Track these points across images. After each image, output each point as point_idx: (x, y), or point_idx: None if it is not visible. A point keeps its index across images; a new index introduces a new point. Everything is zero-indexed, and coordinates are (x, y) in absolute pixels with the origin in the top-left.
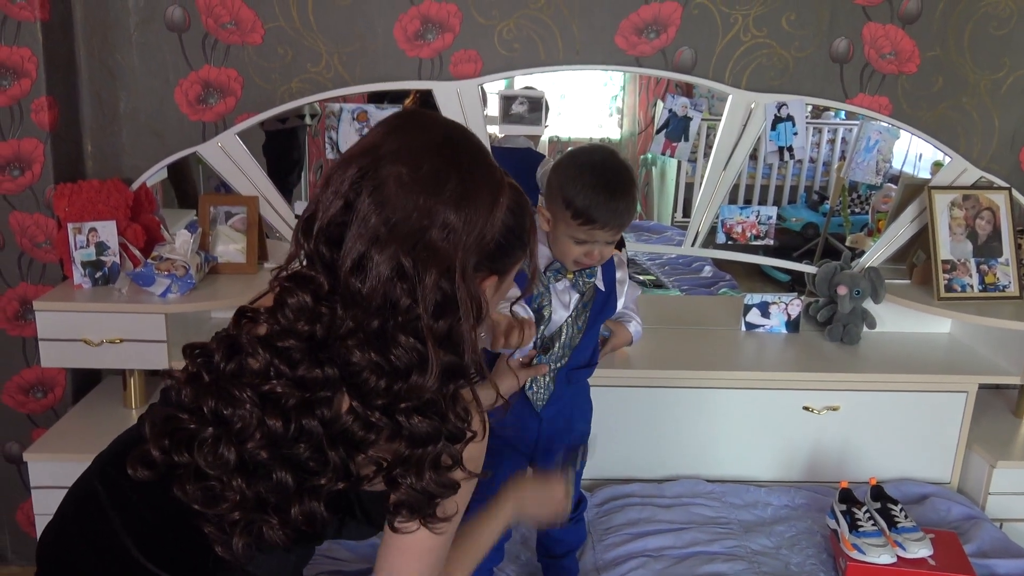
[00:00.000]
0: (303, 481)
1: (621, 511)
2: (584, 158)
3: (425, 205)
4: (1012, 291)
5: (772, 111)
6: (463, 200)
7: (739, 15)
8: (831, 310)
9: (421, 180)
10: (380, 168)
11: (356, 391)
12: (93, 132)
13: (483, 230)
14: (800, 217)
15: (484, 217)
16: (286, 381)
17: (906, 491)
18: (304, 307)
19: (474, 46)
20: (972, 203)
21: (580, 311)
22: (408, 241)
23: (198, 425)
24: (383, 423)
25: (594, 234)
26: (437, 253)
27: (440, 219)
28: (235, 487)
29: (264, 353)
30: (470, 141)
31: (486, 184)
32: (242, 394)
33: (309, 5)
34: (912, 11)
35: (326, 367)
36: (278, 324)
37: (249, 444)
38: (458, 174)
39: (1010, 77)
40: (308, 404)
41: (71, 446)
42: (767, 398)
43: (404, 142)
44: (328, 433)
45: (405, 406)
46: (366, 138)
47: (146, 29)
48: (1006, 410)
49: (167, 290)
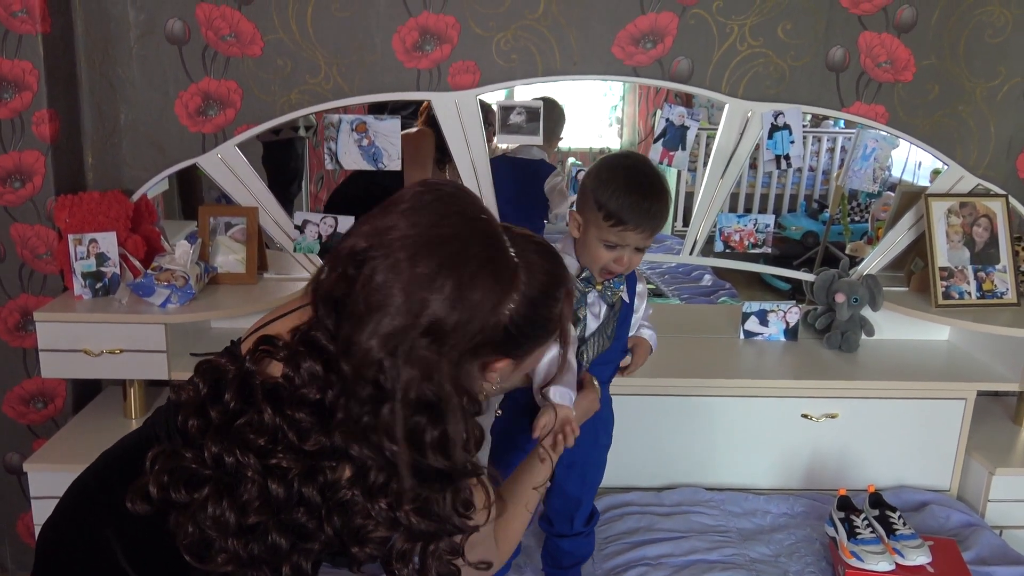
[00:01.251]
0: (296, 544)
1: (620, 520)
2: (618, 162)
3: (415, 304)
4: (1010, 298)
5: (769, 120)
6: (457, 304)
7: (735, 25)
8: (829, 318)
9: (417, 277)
10: (385, 253)
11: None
12: (94, 144)
13: (483, 330)
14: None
15: (483, 318)
16: (292, 454)
17: (905, 498)
18: (315, 375)
19: (472, 57)
20: (969, 210)
21: (608, 320)
22: (391, 339)
23: (199, 465)
24: (382, 516)
25: (625, 236)
26: (419, 359)
27: (427, 321)
28: (229, 546)
29: (274, 417)
30: (484, 236)
31: (491, 284)
32: (246, 458)
33: (308, 17)
34: (907, 20)
35: (334, 434)
36: (290, 383)
37: (251, 516)
38: (456, 276)
39: (1006, 85)
40: (311, 472)
41: (71, 457)
42: (766, 406)
43: (414, 227)
44: (327, 503)
45: (407, 507)
46: (388, 209)
47: (146, 42)
48: (1005, 417)
49: (167, 300)
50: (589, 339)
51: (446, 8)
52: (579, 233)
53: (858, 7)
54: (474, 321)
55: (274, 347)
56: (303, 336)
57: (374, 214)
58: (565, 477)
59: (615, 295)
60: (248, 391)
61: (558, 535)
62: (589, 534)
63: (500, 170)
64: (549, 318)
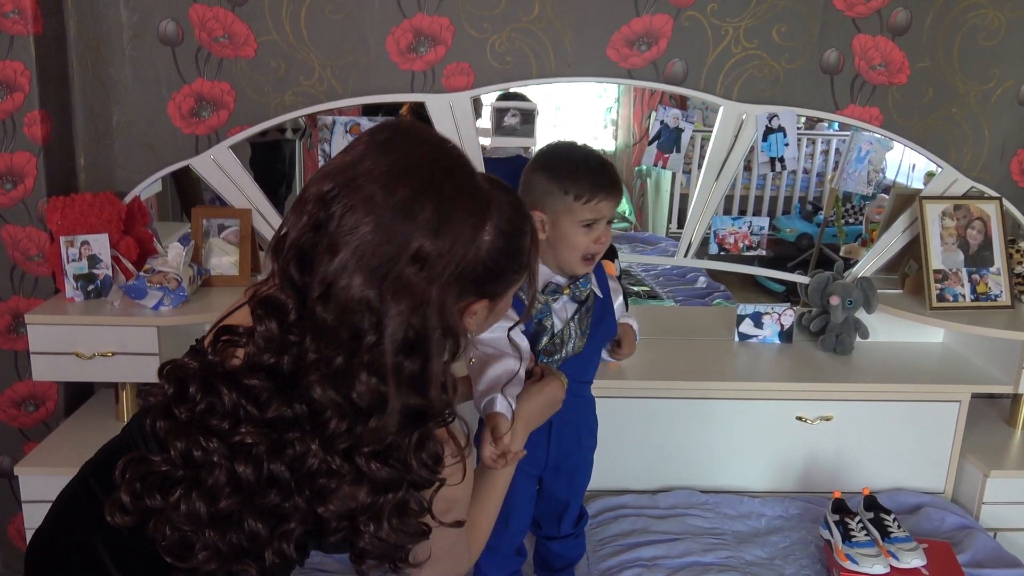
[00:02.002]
0: (274, 527)
1: (615, 522)
2: (557, 150)
3: (395, 234)
4: (1004, 300)
5: (763, 122)
6: (440, 229)
7: (730, 27)
8: (824, 320)
9: (394, 206)
10: (354, 189)
11: (319, 433)
12: (86, 145)
13: (464, 259)
14: (794, 228)
15: (465, 245)
16: (255, 427)
17: (900, 501)
18: (271, 337)
19: (466, 59)
20: (963, 213)
21: (583, 316)
22: (376, 272)
23: (169, 467)
24: (344, 469)
25: (601, 208)
26: (408, 287)
27: (412, 250)
28: (207, 539)
29: (231, 393)
30: (456, 161)
31: (468, 210)
32: (209, 444)
33: (302, 19)
34: (902, 23)
35: (295, 404)
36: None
37: (221, 501)
38: (436, 201)
39: (999, 88)
40: (277, 447)
41: (63, 460)
42: (760, 408)
43: (382, 162)
44: (295, 477)
45: (366, 451)
46: (347, 152)
47: (139, 43)
48: (999, 419)
49: (159, 303)
50: (563, 339)
51: (440, 10)
52: (545, 229)
53: (852, 10)
54: (456, 248)
55: (235, 334)
56: (261, 299)
57: (331, 161)
58: (551, 480)
59: (583, 292)
60: (211, 383)
61: (547, 538)
62: (579, 535)
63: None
64: (520, 251)
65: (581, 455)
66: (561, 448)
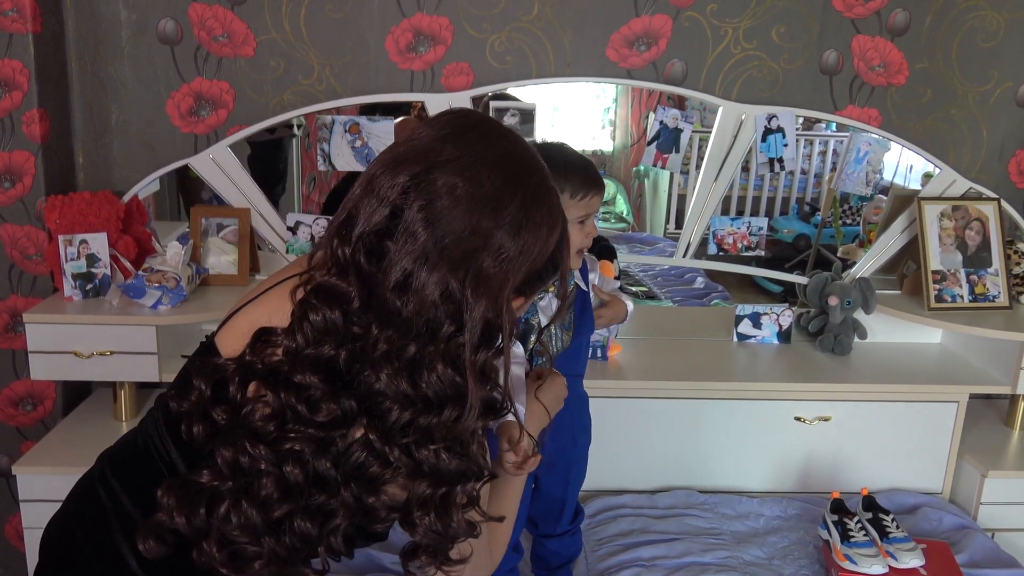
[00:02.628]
0: (323, 525)
1: (614, 522)
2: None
3: (482, 227)
4: (1002, 301)
5: (762, 123)
6: (523, 226)
7: (729, 28)
8: (822, 320)
9: (481, 199)
10: (434, 177)
11: (377, 424)
12: (85, 144)
13: (536, 257)
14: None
15: (540, 244)
16: (303, 429)
17: (898, 501)
18: (331, 327)
19: (466, 59)
20: (961, 214)
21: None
22: (460, 264)
23: (217, 480)
24: (401, 461)
25: (592, 203)
26: (489, 280)
27: (495, 243)
28: (264, 546)
29: (281, 393)
30: (535, 160)
31: (548, 210)
32: (256, 449)
33: (301, 18)
34: (900, 24)
35: (343, 399)
36: (295, 344)
37: (274, 508)
38: (521, 198)
39: (998, 89)
40: (324, 445)
41: (61, 459)
42: (759, 409)
43: (463, 152)
44: (341, 473)
45: (436, 446)
46: (418, 139)
47: (138, 42)
48: (997, 420)
49: (158, 302)
50: (549, 337)
51: (440, 9)
52: None
53: (851, 11)
54: (533, 247)
55: (273, 333)
56: (317, 287)
57: (398, 147)
58: (546, 477)
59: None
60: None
61: (544, 536)
62: (576, 533)
63: None
64: (562, 256)
65: (575, 452)
66: (555, 445)
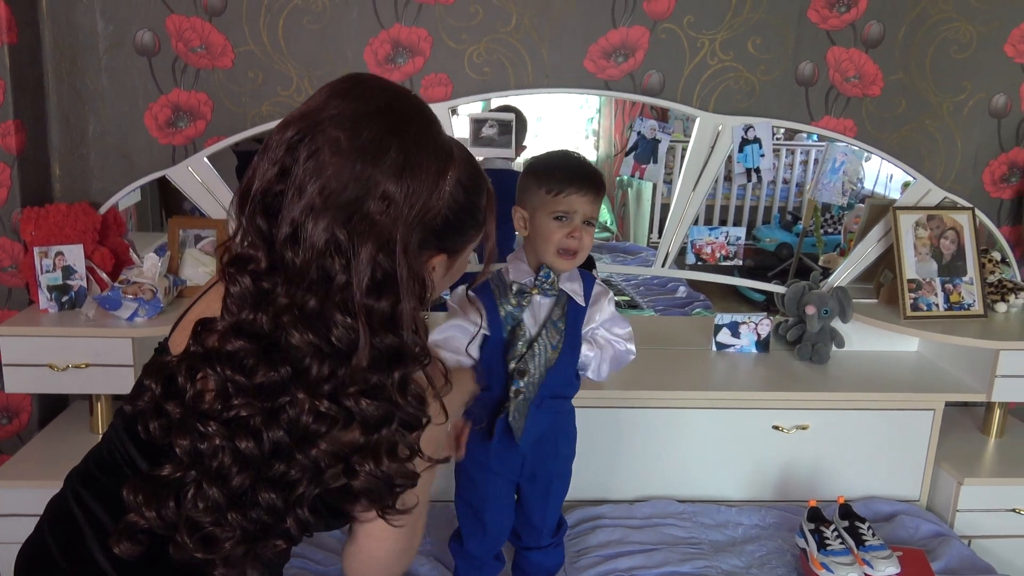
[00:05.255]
0: (287, 495)
1: (593, 532)
2: (545, 154)
3: (362, 174)
4: (977, 309)
5: (739, 133)
6: (404, 170)
7: (706, 39)
8: (800, 329)
9: (359, 147)
10: (318, 133)
11: (302, 381)
12: (61, 156)
13: (427, 203)
14: (774, 237)
15: (428, 190)
16: (246, 398)
17: (875, 509)
18: (246, 293)
19: (444, 70)
20: (936, 223)
21: (551, 329)
22: (344, 211)
23: (181, 471)
24: (332, 411)
25: (572, 201)
26: (374, 226)
27: (379, 190)
28: (232, 522)
29: (218, 368)
30: (418, 109)
31: (432, 154)
32: (207, 427)
33: (279, 29)
34: (875, 35)
35: (280, 367)
36: (226, 321)
37: (233, 479)
38: (400, 142)
39: (971, 100)
40: (272, 414)
41: (37, 472)
42: (737, 418)
43: (346, 107)
44: (295, 439)
45: (353, 391)
46: (309, 101)
47: (115, 53)
48: (973, 428)
49: (134, 314)
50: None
51: (418, 21)
52: (525, 226)
53: (826, 22)
54: (420, 191)
55: (211, 321)
56: (231, 258)
57: (292, 111)
58: (528, 489)
59: (553, 285)
60: (197, 368)
61: (527, 548)
62: (558, 544)
63: None
64: (478, 207)
65: (558, 464)
66: (537, 457)
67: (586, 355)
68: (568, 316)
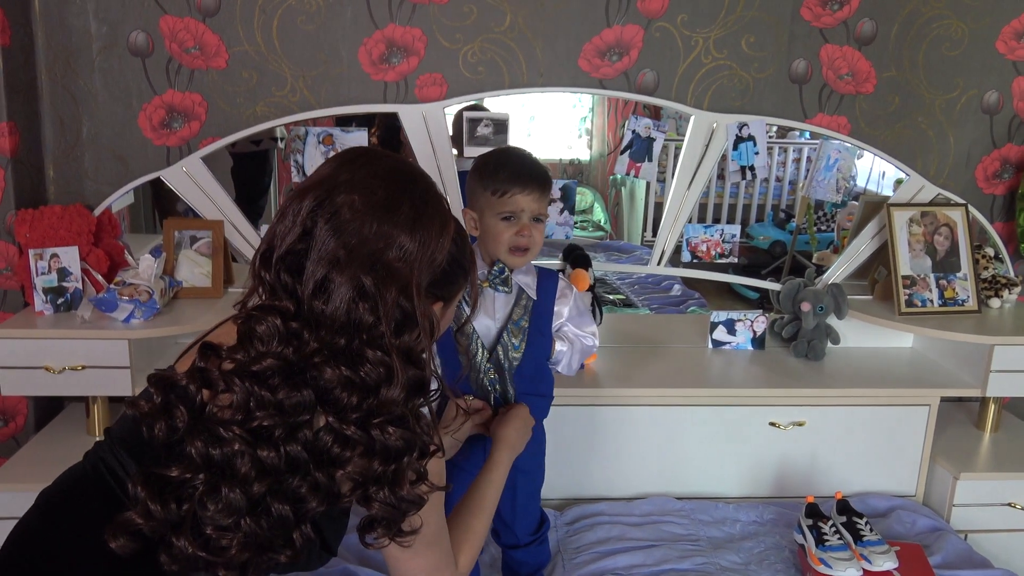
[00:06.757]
0: (298, 509)
1: (590, 530)
2: (487, 153)
3: (380, 229)
4: (971, 305)
5: (733, 131)
6: (416, 224)
7: (700, 38)
8: (796, 326)
9: (375, 206)
10: (335, 197)
11: (331, 408)
12: (55, 157)
13: (434, 252)
14: (767, 235)
15: (435, 240)
16: (269, 411)
17: (872, 504)
18: (275, 331)
19: (439, 69)
20: (930, 220)
21: (514, 330)
22: (367, 262)
23: (190, 473)
24: (358, 436)
25: (517, 201)
26: (395, 273)
27: (396, 241)
28: (244, 528)
29: (242, 383)
30: (418, 173)
31: (436, 211)
32: (229, 432)
33: (274, 29)
34: (868, 33)
35: (303, 390)
36: (248, 354)
37: (254, 486)
38: (410, 200)
39: (964, 97)
40: (292, 430)
41: (33, 476)
42: (734, 415)
43: (356, 173)
44: (312, 456)
45: (379, 420)
46: (319, 171)
47: (109, 54)
48: (968, 423)
49: (130, 315)
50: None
51: (413, 20)
52: (476, 227)
53: (819, 20)
54: (429, 243)
55: (219, 348)
56: (256, 307)
57: (305, 180)
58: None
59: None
60: (210, 382)
61: (509, 546)
62: (542, 542)
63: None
64: (466, 258)
65: (521, 458)
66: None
67: (559, 351)
68: (532, 314)
